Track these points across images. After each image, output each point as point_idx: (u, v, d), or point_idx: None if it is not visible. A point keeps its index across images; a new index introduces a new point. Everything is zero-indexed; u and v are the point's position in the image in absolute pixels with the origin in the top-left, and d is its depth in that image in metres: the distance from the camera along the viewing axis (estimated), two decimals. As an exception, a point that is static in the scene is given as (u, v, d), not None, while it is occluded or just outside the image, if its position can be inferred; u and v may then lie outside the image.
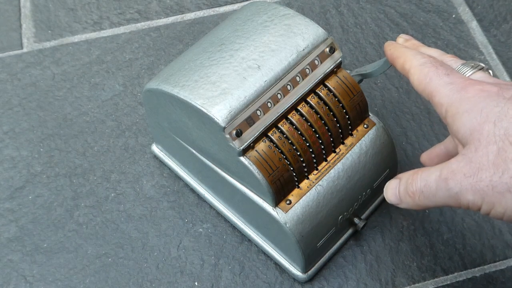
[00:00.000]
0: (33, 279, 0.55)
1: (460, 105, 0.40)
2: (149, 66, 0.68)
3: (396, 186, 0.44)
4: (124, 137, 0.63)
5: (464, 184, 0.39)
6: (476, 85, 0.41)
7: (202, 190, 0.58)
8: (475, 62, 0.45)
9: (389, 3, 0.72)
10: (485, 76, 0.43)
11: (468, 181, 0.38)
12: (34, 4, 0.73)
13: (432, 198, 0.41)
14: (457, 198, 0.39)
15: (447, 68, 0.43)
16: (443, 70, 0.43)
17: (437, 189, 0.40)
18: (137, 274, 0.55)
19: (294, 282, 0.54)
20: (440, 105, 0.42)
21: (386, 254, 0.55)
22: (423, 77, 0.43)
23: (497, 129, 0.38)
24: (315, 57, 0.50)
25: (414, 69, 0.44)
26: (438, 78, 0.42)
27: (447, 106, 0.41)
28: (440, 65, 0.43)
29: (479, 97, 0.40)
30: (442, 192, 0.40)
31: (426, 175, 0.41)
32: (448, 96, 0.41)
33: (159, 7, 0.73)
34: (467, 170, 0.39)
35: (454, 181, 0.39)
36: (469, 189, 0.38)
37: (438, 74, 0.42)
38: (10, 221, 0.58)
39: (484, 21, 0.71)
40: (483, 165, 0.38)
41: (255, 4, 0.53)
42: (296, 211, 0.49)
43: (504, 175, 0.37)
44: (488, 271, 0.54)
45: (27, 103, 0.65)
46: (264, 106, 0.47)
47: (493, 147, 0.38)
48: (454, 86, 0.41)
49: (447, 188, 0.39)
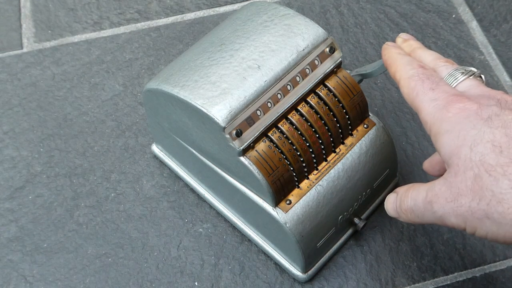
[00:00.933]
0: (33, 279, 0.55)
1: (441, 125, 0.41)
2: (149, 66, 0.68)
3: (394, 201, 0.46)
4: (124, 137, 0.63)
5: (446, 208, 0.40)
6: (458, 103, 0.41)
7: (202, 190, 0.58)
8: (468, 68, 0.45)
9: (389, 3, 0.72)
10: (474, 85, 0.43)
11: (450, 205, 0.39)
12: (34, 4, 0.73)
13: (422, 218, 0.43)
14: (442, 220, 0.41)
15: (433, 81, 0.43)
16: (428, 84, 0.43)
17: (424, 210, 0.42)
18: (137, 274, 0.55)
19: (294, 282, 0.54)
20: (425, 122, 0.43)
21: (386, 254, 0.55)
22: (411, 90, 0.44)
23: (473, 154, 0.38)
24: (315, 57, 0.50)
25: (403, 81, 0.45)
26: (423, 94, 0.43)
27: (431, 125, 0.42)
28: (427, 78, 0.44)
29: (459, 117, 0.40)
30: (428, 214, 0.41)
31: (415, 195, 0.43)
32: (431, 114, 0.42)
33: (159, 7, 0.73)
34: (448, 195, 0.40)
35: (437, 205, 0.40)
36: (451, 214, 0.39)
37: (424, 89, 0.43)
38: (10, 221, 0.58)
39: (484, 21, 0.71)
40: (462, 191, 0.39)
41: (255, 4, 0.53)
42: (296, 211, 0.49)
43: (481, 202, 0.38)
44: (488, 271, 0.54)
45: (27, 103, 0.65)
46: (264, 106, 0.47)
47: (470, 173, 0.38)
48: (438, 103, 0.42)
49: (432, 211, 0.41)
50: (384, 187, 0.57)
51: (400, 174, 0.59)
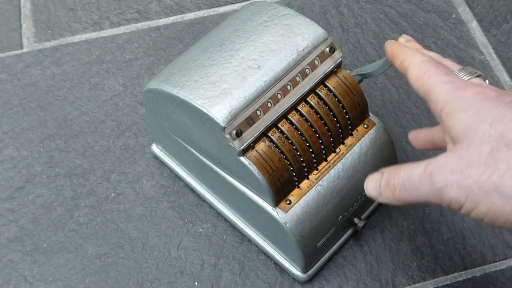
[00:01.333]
0: (33, 279, 0.55)
1: (457, 104, 0.40)
2: (149, 66, 0.68)
3: (377, 180, 0.44)
4: (124, 137, 0.63)
5: (449, 179, 0.38)
6: (475, 87, 0.41)
7: (202, 190, 0.58)
8: (472, 69, 0.45)
9: (389, 3, 0.72)
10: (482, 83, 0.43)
11: (455, 176, 0.38)
12: (34, 4, 0.73)
13: (413, 193, 0.40)
14: (440, 193, 0.39)
15: (447, 68, 0.43)
16: (443, 70, 0.43)
17: (420, 183, 0.40)
18: (137, 274, 0.55)
19: (294, 282, 0.54)
20: (435, 102, 0.42)
21: (386, 254, 0.55)
22: (422, 74, 0.43)
23: (492, 130, 0.38)
24: (315, 57, 0.50)
25: (413, 66, 0.44)
26: (437, 76, 0.42)
27: (443, 104, 0.41)
28: (440, 65, 0.43)
29: (478, 98, 0.40)
30: (424, 187, 0.39)
31: (410, 169, 0.41)
32: (445, 93, 0.41)
33: (159, 7, 0.73)
34: (455, 165, 0.38)
35: (439, 176, 0.39)
36: (454, 185, 0.38)
37: (437, 73, 0.42)
38: (10, 221, 0.58)
39: (484, 21, 0.71)
40: (473, 163, 0.38)
41: (255, 4, 0.53)
42: (296, 211, 0.49)
43: (494, 175, 0.37)
44: (488, 271, 0.54)
45: (27, 103, 0.65)
46: (264, 106, 0.47)
47: (486, 146, 0.37)
48: (453, 85, 0.41)
49: (431, 182, 0.39)
50: (384, 187, 0.57)
51: (400, 174, 0.59)
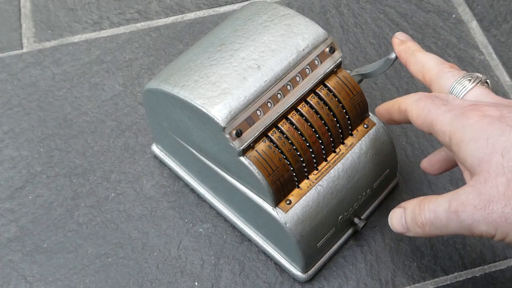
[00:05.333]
0: (33, 279, 0.55)
1: (464, 133, 0.40)
2: (149, 66, 0.68)
3: (401, 216, 0.44)
4: (124, 137, 0.63)
5: (476, 216, 0.39)
6: (476, 111, 0.40)
7: (202, 190, 0.58)
8: (474, 74, 0.44)
9: (389, 3, 0.72)
10: (484, 93, 0.43)
11: (480, 213, 0.39)
12: (34, 4, 0.73)
13: (444, 229, 0.41)
14: (470, 229, 0.40)
15: (442, 98, 0.43)
16: (439, 101, 0.42)
17: (448, 220, 0.40)
18: (137, 274, 0.55)
19: (294, 282, 0.54)
20: (442, 133, 0.41)
21: (386, 254, 0.55)
22: (421, 110, 0.43)
23: (505, 161, 0.38)
24: (315, 57, 0.50)
25: (410, 106, 0.44)
26: (436, 108, 0.42)
27: (450, 134, 0.41)
28: (435, 97, 0.43)
29: (482, 124, 0.40)
30: (454, 224, 0.40)
31: (434, 206, 0.41)
32: (450, 123, 0.41)
33: (159, 7, 0.73)
34: (477, 202, 0.39)
35: (465, 214, 0.39)
36: (481, 221, 0.39)
37: (436, 105, 0.42)
38: (10, 221, 0.58)
39: (484, 21, 0.71)
40: (493, 197, 0.38)
41: (255, 4, 0.53)
42: (296, 211, 0.49)
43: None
44: (488, 271, 0.54)
45: (27, 103, 0.65)
46: (264, 106, 0.47)
47: (502, 178, 0.38)
48: (454, 113, 0.41)
49: (459, 220, 0.40)
50: (384, 187, 0.57)
51: (400, 174, 0.59)
